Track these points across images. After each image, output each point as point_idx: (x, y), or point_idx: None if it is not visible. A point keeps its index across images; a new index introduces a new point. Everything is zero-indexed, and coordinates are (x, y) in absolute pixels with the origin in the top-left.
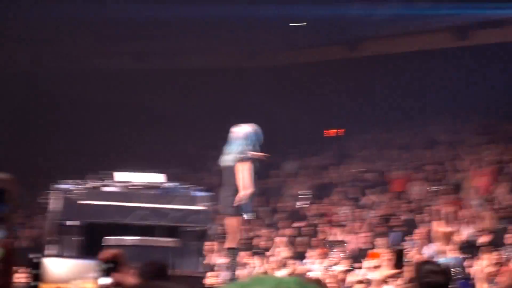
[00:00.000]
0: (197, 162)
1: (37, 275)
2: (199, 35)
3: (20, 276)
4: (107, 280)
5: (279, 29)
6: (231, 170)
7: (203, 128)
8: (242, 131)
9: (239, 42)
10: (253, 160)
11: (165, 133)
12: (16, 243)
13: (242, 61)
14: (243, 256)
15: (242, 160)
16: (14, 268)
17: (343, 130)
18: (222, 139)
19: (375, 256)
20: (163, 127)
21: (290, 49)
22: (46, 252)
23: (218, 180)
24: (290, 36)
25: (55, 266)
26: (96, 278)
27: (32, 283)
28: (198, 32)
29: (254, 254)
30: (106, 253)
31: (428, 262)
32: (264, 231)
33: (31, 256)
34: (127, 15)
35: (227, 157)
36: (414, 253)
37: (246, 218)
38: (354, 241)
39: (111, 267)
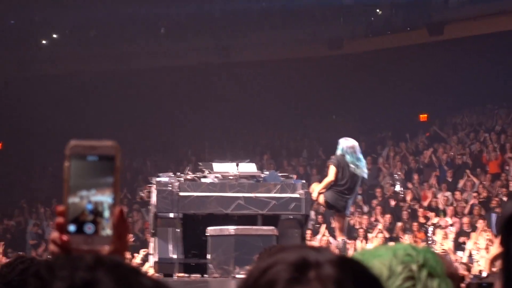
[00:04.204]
0: (280, 151)
1: None
2: (282, 26)
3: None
4: None
5: (360, 16)
6: (359, 179)
7: (284, 119)
8: (357, 144)
9: (321, 31)
10: None
11: (248, 123)
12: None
13: (323, 50)
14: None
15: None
16: (127, 233)
17: (435, 113)
18: (304, 128)
19: None
20: (246, 117)
21: (373, 35)
22: None
23: (313, 171)
24: (372, 23)
25: None
26: None
27: None
28: (280, 23)
29: (355, 239)
30: None
31: None
32: (362, 218)
33: None
34: (206, 9)
35: (361, 169)
36: None
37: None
38: (455, 225)
39: None
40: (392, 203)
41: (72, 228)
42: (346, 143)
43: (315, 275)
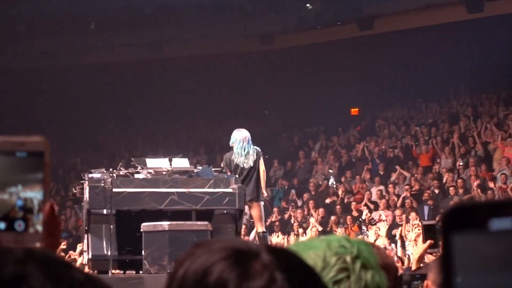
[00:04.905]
0: (213, 147)
1: None
2: (213, 21)
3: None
4: None
5: (291, 10)
6: (251, 169)
7: (217, 114)
8: (247, 135)
9: (252, 26)
10: None
11: (181, 118)
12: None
13: (255, 45)
14: (275, 238)
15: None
16: (58, 229)
17: (367, 107)
18: (237, 123)
19: None
20: (179, 113)
21: (303, 30)
22: None
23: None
24: (302, 17)
25: None
26: None
27: None
28: (212, 18)
29: (288, 235)
30: None
31: None
32: (296, 212)
33: None
34: (137, 4)
35: (247, 158)
36: None
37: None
38: (387, 218)
39: None
40: (326, 197)
41: (1, 225)
42: (238, 133)
43: (260, 265)
